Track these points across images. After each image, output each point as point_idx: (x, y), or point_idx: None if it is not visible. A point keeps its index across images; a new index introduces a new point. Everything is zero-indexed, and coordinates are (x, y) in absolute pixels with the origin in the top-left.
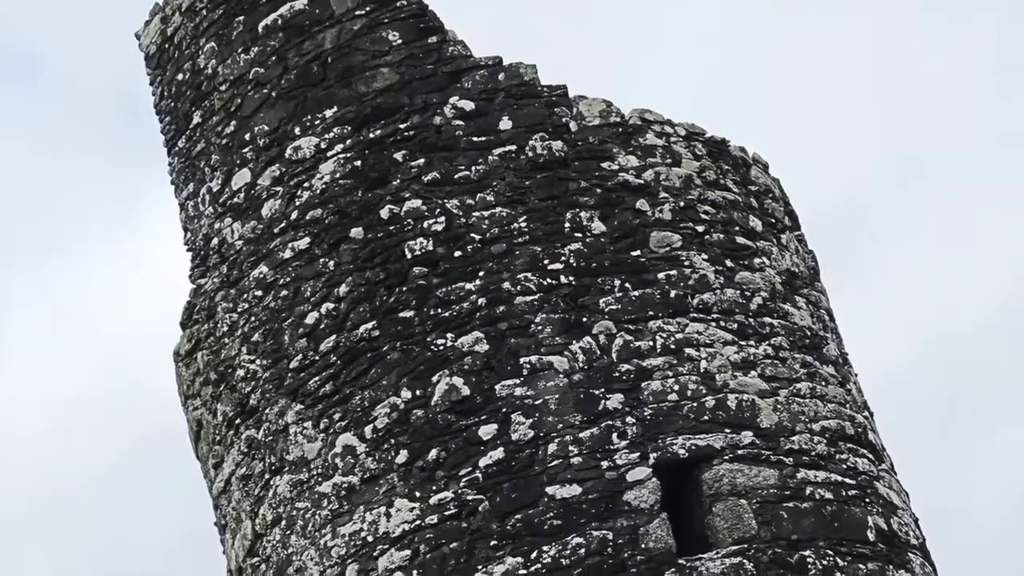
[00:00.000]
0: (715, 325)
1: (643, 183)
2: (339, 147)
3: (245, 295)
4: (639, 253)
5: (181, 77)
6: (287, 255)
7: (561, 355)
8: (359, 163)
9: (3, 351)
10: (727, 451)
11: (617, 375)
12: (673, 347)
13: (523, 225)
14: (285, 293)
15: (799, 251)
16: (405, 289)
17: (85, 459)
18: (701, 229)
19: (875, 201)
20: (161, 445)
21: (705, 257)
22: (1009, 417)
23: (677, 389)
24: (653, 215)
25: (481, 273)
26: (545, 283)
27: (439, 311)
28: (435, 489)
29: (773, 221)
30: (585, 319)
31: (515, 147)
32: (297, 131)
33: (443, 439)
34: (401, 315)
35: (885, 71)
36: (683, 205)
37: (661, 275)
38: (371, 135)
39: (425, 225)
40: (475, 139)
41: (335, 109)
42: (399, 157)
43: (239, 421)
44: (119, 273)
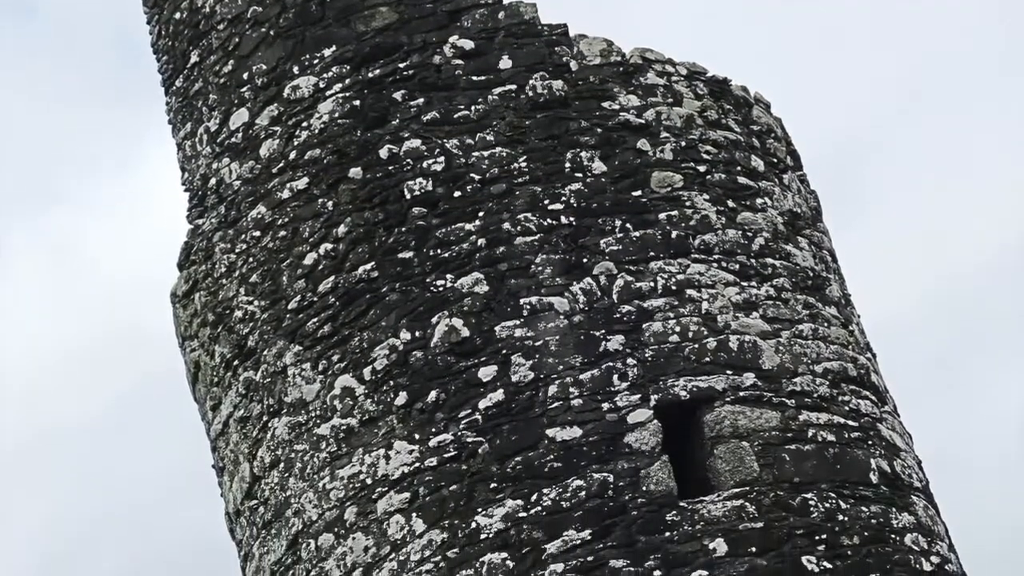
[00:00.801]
0: (717, 266)
1: (644, 123)
2: (338, 87)
3: (243, 235)
4: (640, 193)
5: (179, 16)
6: (285, 195)
7: (561, 296)
8: (358, 103)
9: (2, 293)
10: (729, 393)
11: (618, 316)
12: (674, 288)
13: (523, 165)
14: (283, 234)
15: (801, 191)
16: (404, 230)
17: (84, 399)
18: (702, 169)
19: (876, 140)
20: (160, 386)
21: (707, 197)
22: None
23: (678, 330)
24: (654, 155)
25: (481, 213)
26: (545, 223)
27: (438, 252)
28: (434, 431)
29: (775, 161)
30: (586, 260)
31: (515, 86)
32: (295, 70)
33: (442, 381)
34: (400, 256)
35: (884, 8)
36: (684, 145)
37: (662, 215)
38: (370, 75)
39: (424, 165)
40: (475, 78)
41: (333, 48)
42: (398, 97)
43: (237, 363)
44: (117, 214)
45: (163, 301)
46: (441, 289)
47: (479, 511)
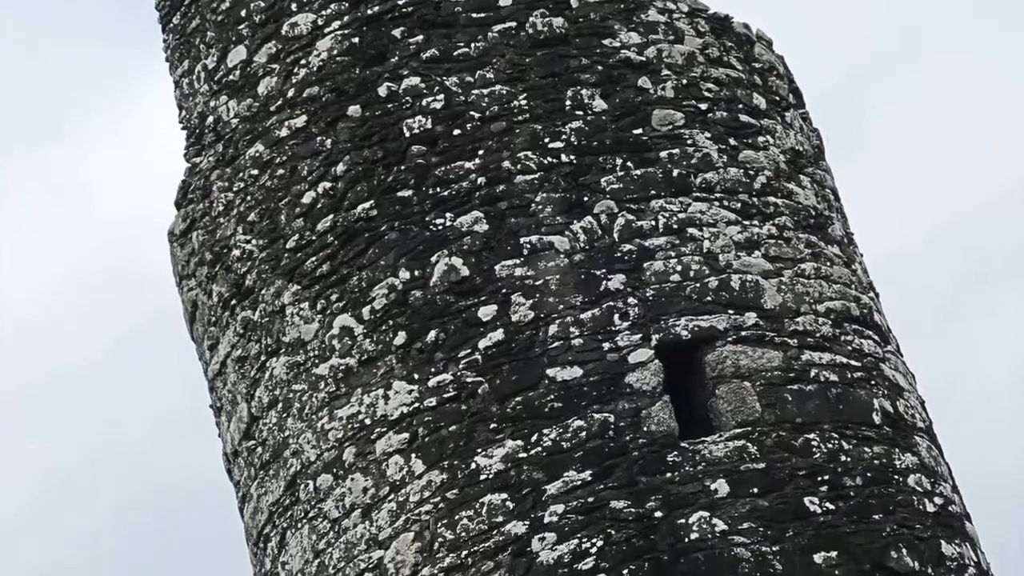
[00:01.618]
0: (718, 204)
1: (645, 60)
2: (336, 24)
3: (241, 174)
4: (641, 131)
5: None
6: (283, 133)
7: (562, 235)
8: (357, 40)
9: (1, 231)
10: (730, 332)
11: (619, 255)
12: (675, 227)
13: (523, 103)
14: (282, 172)
15: (803, 129)
16: (403, 168)
17: (82, 338)
18: (704, 107)
19: (878, 77)
20: (158, 325)
21: (708, 135)
22: (1018, 294)
23: (680, 269)
24: (655, 93)
25: (480, 152)
26: (545, 162)
27: (438, 190)
28: (434, 371)
29: (777, 99)
30: (586, 198)
31: (515, 23)
32: (294, 7)
33: (442, 320)
34: (399, 194)
35: None
36: (686, 83)
37: (663, 154)
38: (369, 11)
39: (424, 103)
40: (474, 15)
41: None
42: (397, 34)
43: (235, 302)
44: (116, 152)
45: (161, 240)
46: (440, 228)
47: (479, 452)
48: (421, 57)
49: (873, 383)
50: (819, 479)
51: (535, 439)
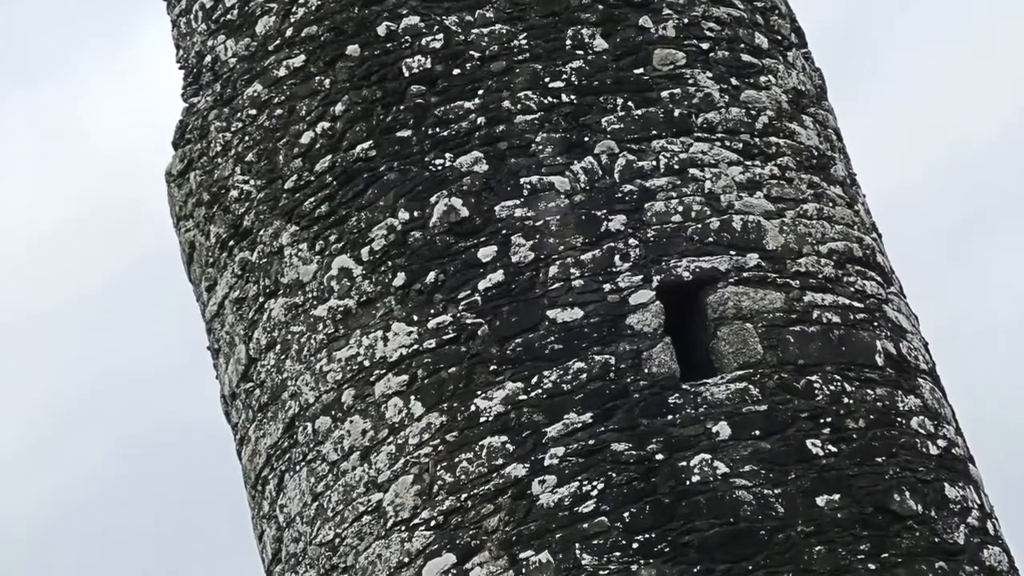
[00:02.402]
0: (720, 145)
1: None
2: None
3: (239, 114)
4: (642, 71)
5: None
6: (282, 73)
7: (562, 175)
8: None
9: None
10: (732, 274)
11: (619, 196)
12: (677, 167)
13: (523, 42)
14: (280, 112)
15: (806, 69)
16: (403, 108)
17: (80, 278)
18: (705, 46)
19: (879, 16)
20: (157, 265)
21: (710, 75)
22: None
23: (681, 210)
24: (656, 32)
25: (480, 91)
26: (546, 102)
27: (437, 130)
28: (433, 313)
29: (779, 38)
30: (587, 138)
31: None
32: None
33: (441, 261)
34: (399, 134)
35: None
36: (687, 22)
37: (664, 93)
38: None
39: (423, 42)
40: None
41: None
42: None
43: (232, 243)
44: (113, 92)
45: (158, 180)
46: (440, 168)
47: (478, 394)
48: None
49: (876, 324)
50: (821, 421)
51: (535, 381)
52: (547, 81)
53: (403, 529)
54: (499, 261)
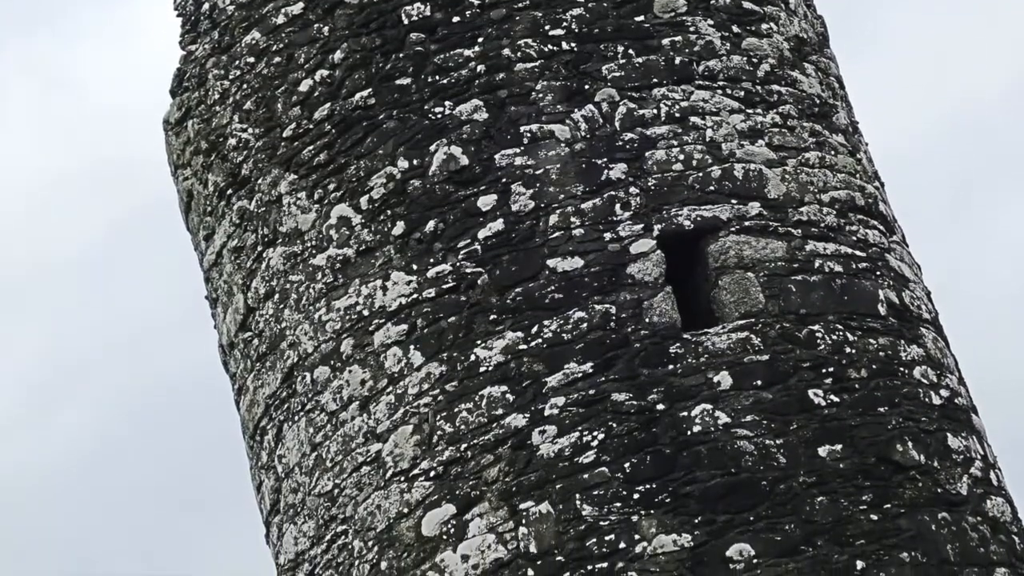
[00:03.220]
0: (721, 93)
1: None
2: None
3: (237, 62)
4: (643, 18)
5: None
6: (280, 20)
7: (562, 123)
8: None
9: None
10: (734, 222)
11: (620, 144)
12: (678, 115)
13: None
14: (278, 60)
15: (807, 16)
16: (402, 55)
17: (78, 229)
18: None
19: None
20: (155, 215)
21: (711, 23)
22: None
23: (682, 159)
24: None
25: (480, 39)
26: (546, 49)
27: (437, 78)
28: (433, 262)
29: None
30: (587, 86)
31: None
32: None
33: (441, 210)
34: (398, 82)
35: None
36: None
37: (665, 41)
38: None
39: None
40: None
41: None
42: None
43: (231, 192)
44: (110, 41)
45: (156, 130)
46: (439, 116)
47: (478, 343)
48: None
49: (878, 274)
50: (823, 371)
51: (535, 330)
52: (547, 29)
53: (402, 480)
54: (499, 210)
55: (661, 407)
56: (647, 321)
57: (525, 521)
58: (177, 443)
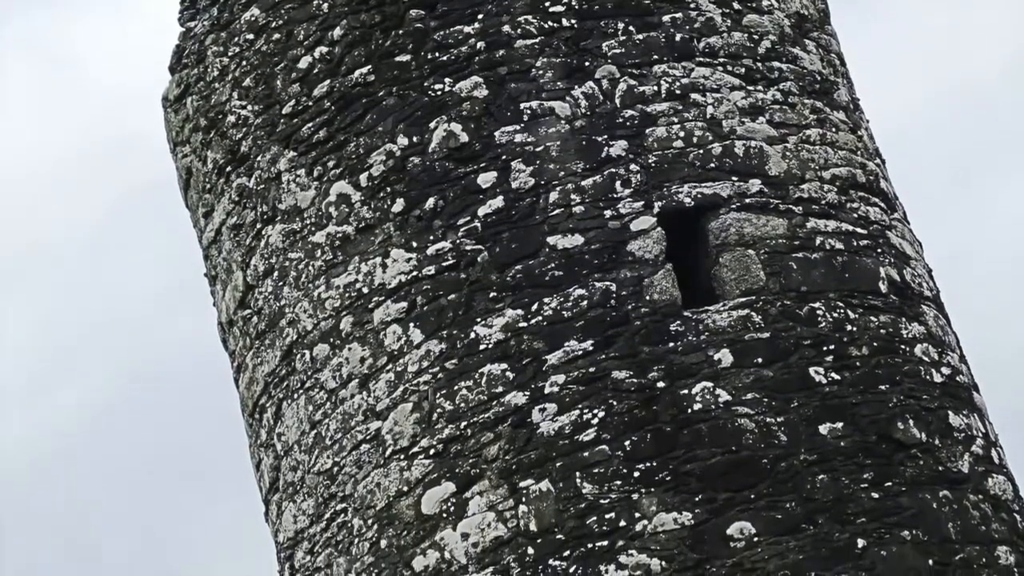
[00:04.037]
0: (722, 69)
1: None
2: None
3: (236, 38)
4: None
5: None
6: None
7: (563, 100)
8: None
9: None
10: (734, 200)
11: (620, 121)
12: (678, 92)
13: None
14: (277, 36)
15: None
16: (402, 32)
17: (77, 208)
18: None
19: None
20: (155, 192)
21: None
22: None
23: (683, 135)
24: None
25: (480, 16)
26: (546, 26)
27: (437, 55)
28: (432, 239)
29: None
30: (587, 63)
31: None
32: None
33: (441, 187)
34: (398, 59)
35: None
36: None
37: (666, 18)
38: None
39: None
40: None
41: None
42: None
43: (230, 169)
44: (108, 19)
45: (155, 108)
46: (439, 93)
47: (478, 321)
48: None
49: (879, 251)
50: (824, 349)
51: (535, 308)
52: (547, 5)
53: (402, 458)
54: (499, 187)
55: (661, 385)
56: (647, 299)
57: (525, 499)
58: (176, 419)
